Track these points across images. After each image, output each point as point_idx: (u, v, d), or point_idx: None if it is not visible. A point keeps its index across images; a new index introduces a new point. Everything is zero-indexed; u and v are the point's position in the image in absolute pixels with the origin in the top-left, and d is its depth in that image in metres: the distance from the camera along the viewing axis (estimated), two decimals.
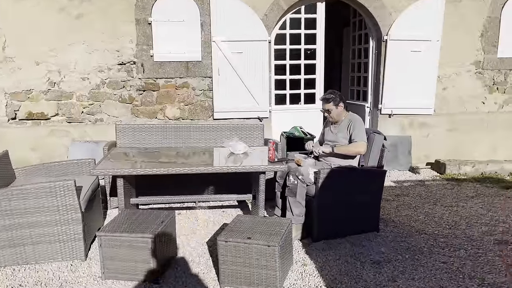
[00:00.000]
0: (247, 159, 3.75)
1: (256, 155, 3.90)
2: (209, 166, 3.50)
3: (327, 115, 3.84)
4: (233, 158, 3.73)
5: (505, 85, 6.00)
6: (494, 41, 5.86)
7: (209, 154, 3.99)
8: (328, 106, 3.79)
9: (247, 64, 5.56)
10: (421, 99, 5.87)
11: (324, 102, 3.81)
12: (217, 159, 3.84)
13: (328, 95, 3.82)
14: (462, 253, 3.33)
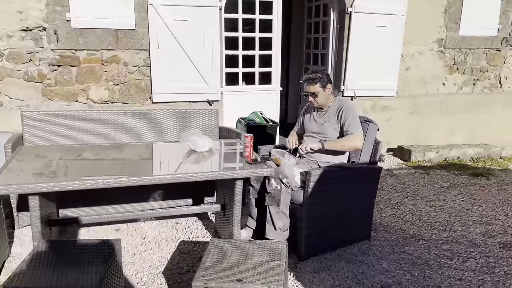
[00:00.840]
0: (213, 158, 2.86)
1: (225, 152, 3.03)
2: (169, 174, 2.55)
3: (311, 99, 3.06)
4: (194, 158, 2.82)
5: (464, 66, 5.74)
6: (456, 17, 5.51)
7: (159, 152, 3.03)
8: (315, 88, 3.02)
9: (194, 35, 4.56)
10: (384, 80, 5.37)
11: (308, 83, 3.03)
12: (173, 160, 2.90)
13: (313, 75, 3.05)
14: (473, 264, 2.83)
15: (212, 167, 2.82)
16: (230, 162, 2.83)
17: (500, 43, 5.78)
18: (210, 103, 4.77)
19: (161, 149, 3.19)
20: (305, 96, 3.10)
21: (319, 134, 3.07)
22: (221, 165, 2.80)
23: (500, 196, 4.15)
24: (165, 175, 2.41)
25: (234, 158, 2.87)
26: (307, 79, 3.06)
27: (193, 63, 4.62)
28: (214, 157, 2.89)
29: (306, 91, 3.06)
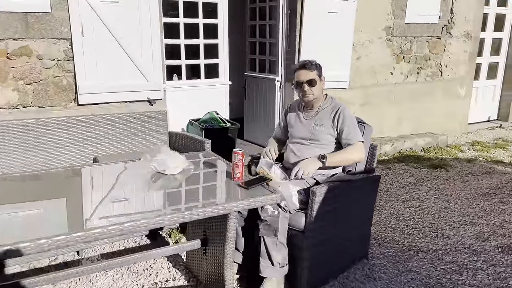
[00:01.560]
0: (191, 184, 2.18)
1: (205, 173, 2.35)
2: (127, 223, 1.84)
3: (307, 89, 2.50)
4: (164, 184, 2.12)
5: (410, 54, 5.64)
6: (403, 4, 5.35)
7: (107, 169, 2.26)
8: (313, 74, 2.50)
9: (128, 20, 3.73)
10: (337, 71, 5.02)
11: (306, 67, 2.50)
12: (132, 190, 2.16)
13: (308, 61, 2.53)
14: (484, 277, 2.58)
15: (195, 196, 2.11)
16: (215, 187, 2.18)
17: (441, 31, 5.78)
18: (151, 102, 3.99)
19: (107, 174, 2.39)
20: (297, 86, 2.55)
21: (309, 141, 2.55)
22: (204, 194, 2.12)
23: (467, 190, 4.05)
24: (124, 224, 1.66)
25: (219, 181, 2.23)
26: (303, 64, 2.52)
27: (129, 54, 3.79)
28: (191, 181, 2.21)
29: (300, 79, 2.51)
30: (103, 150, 3.28)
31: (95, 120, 3.24)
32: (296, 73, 2.56)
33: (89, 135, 3.22)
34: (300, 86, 2.52)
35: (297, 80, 2.54)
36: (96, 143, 3.26)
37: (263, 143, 5.12)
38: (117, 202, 1.91)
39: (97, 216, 1.75)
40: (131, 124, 3.41)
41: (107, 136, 3.30)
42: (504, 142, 5.94)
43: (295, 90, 2.62)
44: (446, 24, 5.79)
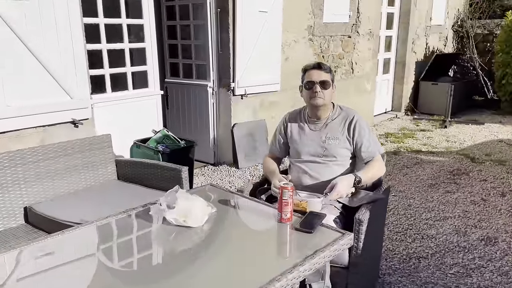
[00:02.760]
0: (223, 233, 1.66)
1: (231, 216, 1.82)
2: None
3: (319, 90, 2.17)
4: (195, 242, 1.57)
5: (328, 53, 5.70)
6: (321, 4, 5.35)
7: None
8: (327, 76, 2.18)
9: (41, 22, 2.88)
10: (269, 74, 4.79)
11: (321, 67, 2.17)
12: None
13: (322, 63, 2.21)
14: (491, 276, 2.62)
15: (252, 255, 1.53)
16: (267, 238, 1.68)
17: (351, 30, 5.98)
18: (77, 123, 3.19)
19: (105, 239, 1.70)
20: (307, 87, 2.20)
21: (323, 158, 2.23)
22: (260, 249, 1.58)
23: (413, 183, 4.21)
24: None
25: (263, 226, 1.74)
26: (317, 64, 2.19)
27: (44, 65, 2.94)
28: (226, 232, 1.68)
29: (312, 79, 2.17)
30: (34, 196, 2.45)
31: (10, 159, 2.38)
32: (307, 73, 2.22)
33: (8, 180, 2.36)
34: (311, 86, 2.19)
35: (308, 80, 2.20)
36: (22, 188, 2.41)
37: (205, 158, 4.62)
38: None
39: None
40: (67, 157, 2.63)
41: (37, 177, 2.47)
42: (408, 131, 6.46)
43: (302, 92, 2.28)
44: (355, 23, 6.02)
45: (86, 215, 2.15)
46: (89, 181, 2.71)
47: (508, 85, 7.39)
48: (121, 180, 2.83)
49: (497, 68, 7.63)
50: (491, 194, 3.90)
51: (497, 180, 4.26)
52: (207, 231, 1.64)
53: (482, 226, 3.25)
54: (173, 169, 2.52)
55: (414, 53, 7.65)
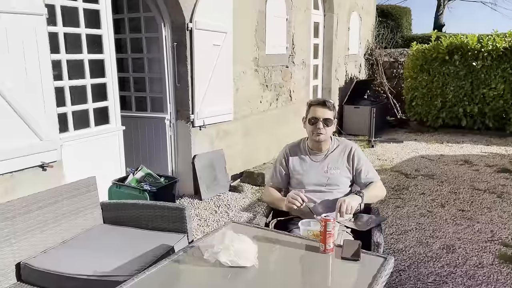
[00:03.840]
0: (277, 270, 1.70)
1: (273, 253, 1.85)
2: None
3: (321, 127, 2.34)
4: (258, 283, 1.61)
5: (270, 83, 5.98)
6: (263, 37, 5.64)
7: None
8: (330, 114, 2.36)
9: (9, 58, 2.67)
10: (223, 104, 4.89)
11: (320, 106, 2.33)
12: None
13: (324, 99, 2.38)
14: (469, 284, 2.99)
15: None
16: (325, 272, 1.75)
17: (288, 60, 6.37)
18: (45, 167, 2.96)
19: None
20: (311, 123, 2.35)
21: (327, 187, 2.40)
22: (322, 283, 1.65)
23: None
24: None
25: (312, 260, 1.81)
26: (323, 100, 2.35)
27: (12, 105, 2.71)
28: (279, 269, 1.72)
29: (317, 115, 2.33)
30: (25, 251, 2.23)
31: (1, 213, 2.16)
32: (312, 108, 2.38)
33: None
34: (315, 123, 2.36)
35: (313, 116, 2.36)
36: (13, 244, 2.18)
37: None
38: None
39: None
40: (55, 204, 2.43)
41: (27, 230, 2.25)
42: None
43: (305, 125, 2.44)
44: (291, 54, 6.42)
45: (92, 266, 2.04)
46: (78, 227, 2.53)
47: (417, 106, 8.39)
48: (108, 224, 2.69)
49: (406, 92, 8.63)
50: (433, 206, 4.41)
51: (433, 192, 4.83)
52: (259, 269, 1.69)
53: (438, 236, 3.67)
54: (175, 208, 2.48)
55: (337, 79, 8.34)
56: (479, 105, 7.69)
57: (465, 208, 4.34)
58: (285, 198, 2.34)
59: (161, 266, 1.70)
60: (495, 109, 7.61)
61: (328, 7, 7.78)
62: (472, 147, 7.06)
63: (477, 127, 7.92)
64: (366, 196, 2.31)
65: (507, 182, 5.19)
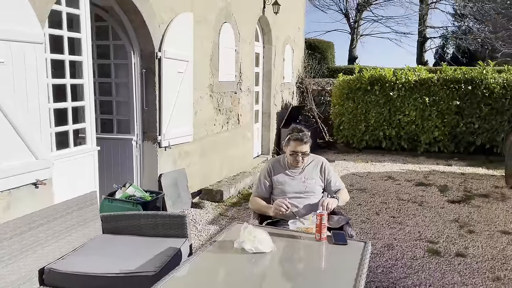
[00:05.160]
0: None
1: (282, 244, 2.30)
2: None
3: (300, 159, 2.89)
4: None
5: (222, 107, 6.47)
6: (217, 65, 6.15)
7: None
8: (307, 147, 2.90)
9: (13, 82, 2.86)
10: (185, 126, 5.27)
11: (299, 143, 2.86)
12: None
13: (302, 134, 2.90)
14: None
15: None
16: (333, 255, 2.26)
17: (236, 87, 6.93)
18: (39, 184, 3.13)
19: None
20: (291, 155, 2.89)
21: (305, 194, 2.95)
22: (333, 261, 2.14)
23: None
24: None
25: (317, 248, 2.32)
26: (297, 138, 2.88)
27: (14, 126, 2.89)
28: (287, 253, 2.20)
29: (297, 150, 2.86)
30: (45, 258, 2.43)
31: (27, 223, 2.36)
32: (292, 142, 2.91)
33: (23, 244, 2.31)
34: (295, 155, 2.90)
35: (293, 151, 2.90)
36: (37, 251, 2.39)
37: None
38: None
39: None
40: (67, 215, 2.66)
41: (46, 240, 2.46)
42: None
43: (286, 148, 2.96)
44: (239, 81, 7.00)
45: (115, 266, 2.33)
46: (84, 238, 2.76)
47: (344, 130, 9.42)
48: (107, 234, 2.94)
49: (334, 117, 9.65)
50: (369, 214, 5.18)
51: (368, 203, 5.62)
52: (274, 254, 2.15)
53: (378, 237, 4.39)
54: (177, 216, 2.83)
55: (275, 105, 9.09)
56: (396, 129, 8.91)
57: (395, 215, 5.16)
58: (271, 206, 2.84)
59: (198, 256, 2.09)
60: (408, 132, 8.88)
61: (267, 40, 8.56)
62: (392, 165, 8.15)
63: (394, 148, 9.13)
64: (340, 199, 2.90)
65: (424, 193, 6.19)
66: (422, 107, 8.60)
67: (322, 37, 21.95)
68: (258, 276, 2.03)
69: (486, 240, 4.37)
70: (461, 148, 8.80)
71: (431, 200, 5.84)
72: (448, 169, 7.90)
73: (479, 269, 3.70)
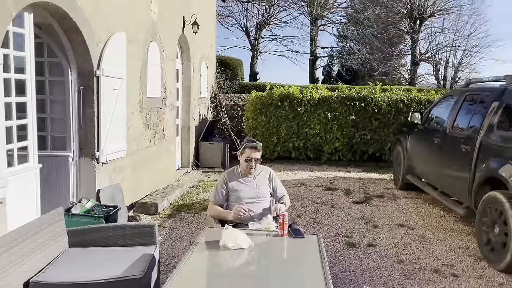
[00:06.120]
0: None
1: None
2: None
3: (253, 165, 3.38)
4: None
5: (150, 122, 6.65)
6: (145, 82, 6.35)
7: None
8: (259, 155, 3.40)
9: None
10: (120, 142, 5.40)
11: (253, 150, 3.36)
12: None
13: (256, 143, 3.40)
14: None
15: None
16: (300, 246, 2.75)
17: (161, 103, 7.17)
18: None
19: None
20: (246, 161, 3.36)
21: (257, 198, 3.45)
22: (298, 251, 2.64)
23: None
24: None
25: (283, 241, 2.82)
26: (252, 146, 3.36)
27: None
28: (261, 248, 2.66)
29: (251, 157, 3.34)
30: (26, 273, 2.53)
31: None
32: (248, 149, 3.39)
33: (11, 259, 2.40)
34: (249, 162, 3.39)
35: (248, 157, 3.38)
36: (22, 265, 2.48)
37: None
38: None
39: None
40: (40, 232, 2.76)
41: (23, 257, 2.56)
42: (208, 182, 8.03)
43: (241, 156, 3.42)
44: (164, 97, 7.25)
45: (101, 273, 2.55)
46: (55, 251, 2.87)
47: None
48: (75, 247, 3.08)
49: (248, 130, 10.32)
50: (292, 217, 5.83)
51: (289, 208, 6.30)
52: (252, 250, 2.61)
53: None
54: (146, 226, 3.10)
55: (194, 119, 9.45)
56: (303, 140, 9.91)
57: (313, 216, 5.92)
58: (230, 211, 3.28)
59: (190, 257, 2.44)
60: (314, 143, 9.94)
61: (185, 57, 8.92)
62: (302, 173, 9.08)
63: (302, 158, 10.11)
64: (286, 204, 3.46)
65: (333, 196, 7.12)
66: (325, 121, 9.72)
67: (224, 53, 22.72)
68: (245, 266, 2.46)
69: (388, 232, 5.33)
70: (357, 156, 10.13)
71: (339, 202, 6.77)
72: (348, 175, 9.07)
73: (387, 255, 4.56)
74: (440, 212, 6.25)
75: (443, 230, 5.43)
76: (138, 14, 5.99)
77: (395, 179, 8.06)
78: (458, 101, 5.98)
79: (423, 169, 6.79)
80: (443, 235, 5.24)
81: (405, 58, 30.68)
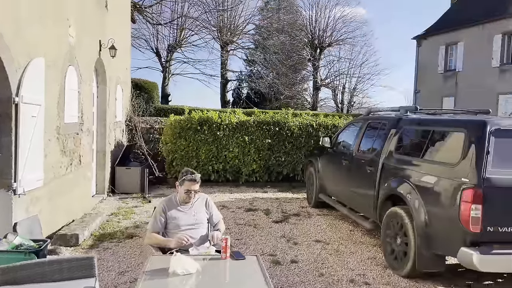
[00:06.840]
0: (221, 273, 2.79)
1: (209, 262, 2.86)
2: None
3: (192, 195, 3.55)
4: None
5: (67, 149, 6.37)
6: (63, 107, 6.10)
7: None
8: (197, 186, 3.58)
9: None
10: (36, 171, 5.12)
11: (193, 183, 3.53)
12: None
13: (195, 175, 3.56)
14: None
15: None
16: (242, 268, 2.96)
17: (78, 128, 6.92)
18: None
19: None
20: (186, 193, 3.51)
21: (195, 225, 3.62)
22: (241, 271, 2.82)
23: None
24: None
25: (224, 264, 3.02)
26: (192, 179, 3.51)
27: None
28: (214, 270, 2.83)
29: (191, 189, 3.51)
30: None
31: None
32: (187, 182, 3.55)
33: None
34: (189, 193, 3.56)
35: (188, 189, 3.55)
36: None
37: None
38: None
39: None
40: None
41: None
42: (127, 209, 7.83)
43: (181, 187, 3.56)
44: (81, 122, 7.02)
45: None
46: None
47: (177, 166, 10.16)
48: (4, 286, 2.93)
49: (167, 154, 10.30)
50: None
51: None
52: (200, 274, 2.77)
53: None
54: (85, 258, 3.05)
55: (109, 144, 9.18)
56: (222, 163, 10.18)
57: (238, 237, 6.18)
58: (170, 239, 3.40)
59: (140, 284, 2.52)
60: (233, 166, 10.26)
61: (101, 80, 8.71)
62: (222, 195, 9.31)
63: (221, 180, 10.36)
64: (221, 229, 3.67)
65: (254, 217, 7.46)
66: (243, 144, 10.13)
67: (133, 74, 22.28)
68: None
69: (307, 248, 5.79)
70: (272, 177, 10.68)
71: (261, 222, 7.13)
72: (265, 195, 9.53)
73: (308, 270, 4.98)
74: (350, 227, 6.93)
75: (353, 243, 6.05)
76: (57, 38, 5.82)
77: (309, 198, 8.70)
78: (362, 127, 6.78)
79: (334, 188, 7.48)
80: (354, 248, 5.85)
81: (307, 83, 33.04)
